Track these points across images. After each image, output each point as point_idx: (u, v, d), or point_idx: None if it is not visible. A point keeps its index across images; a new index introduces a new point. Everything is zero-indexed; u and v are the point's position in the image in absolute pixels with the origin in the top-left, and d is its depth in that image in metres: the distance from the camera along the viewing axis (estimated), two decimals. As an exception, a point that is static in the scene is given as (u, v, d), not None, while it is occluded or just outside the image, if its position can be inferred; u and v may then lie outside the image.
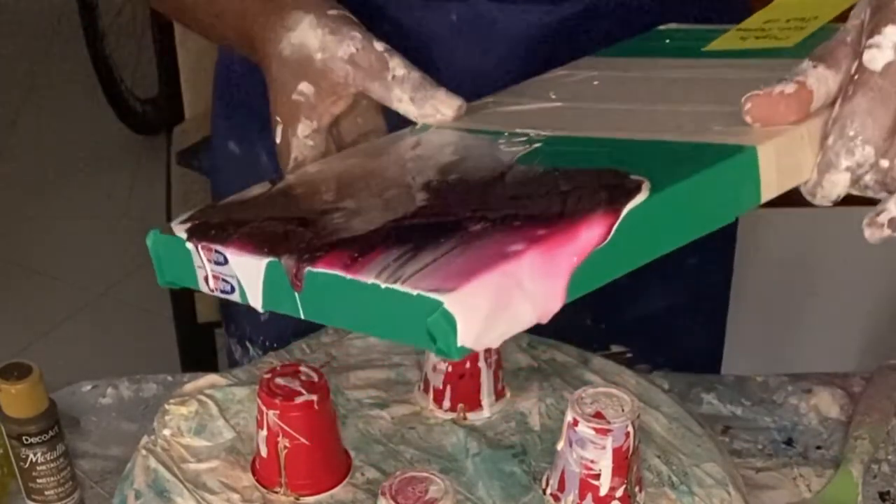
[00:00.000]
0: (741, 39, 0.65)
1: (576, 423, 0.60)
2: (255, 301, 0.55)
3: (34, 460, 0.69)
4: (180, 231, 0.58)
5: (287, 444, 0.62)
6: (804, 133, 0.53)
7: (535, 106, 0.65)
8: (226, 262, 0.55)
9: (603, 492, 0.61)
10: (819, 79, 0.53)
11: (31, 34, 3.03)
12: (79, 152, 2.63)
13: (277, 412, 0.61)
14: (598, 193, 0.50)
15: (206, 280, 0.57)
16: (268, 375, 0.63)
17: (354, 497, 0.64)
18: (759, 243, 1.55)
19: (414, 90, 0.63)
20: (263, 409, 0.62)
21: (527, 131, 0.60)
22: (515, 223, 0.49)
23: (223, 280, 0.56)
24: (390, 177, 0.60)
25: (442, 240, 0.49)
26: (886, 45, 0.51)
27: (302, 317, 0.53)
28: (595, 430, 0.59)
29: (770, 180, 0.53)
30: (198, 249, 0.56)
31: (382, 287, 0.48)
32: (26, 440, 0.68)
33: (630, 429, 0.60)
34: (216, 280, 0.56)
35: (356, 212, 0.55)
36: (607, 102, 0.64)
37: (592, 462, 0.60)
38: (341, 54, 0.63)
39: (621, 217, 0.48)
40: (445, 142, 0.62)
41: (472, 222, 0.50)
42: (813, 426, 0.79)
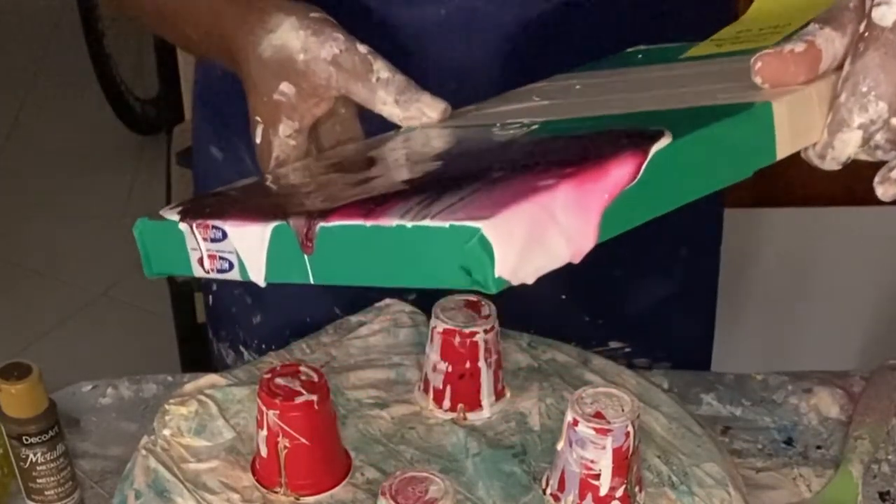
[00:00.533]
0: (717, 47, 0.65)
1: (576, 423, 0.60)
2: (257, 274, 0.53)
3: (34, 460, 0.69)
4: (171, 215, 0.57)
5: (287, 444, 0.62)
6: (813, 93, 0.53)
7: (519, 106, 0.65)
8: (224, 238, 0.54)
9: (603, 492, 0.61)
10: (827, 39, 0.53)
11: (31, 34, 3.03)
12: (79, 152, 2.63)
13: (277, 412, 0.61)
14: (619, 140, 0.49)
15: (201, 261, 0.55)
16: (268, 375, 0.63)
17: (354, 497, 0.64)
18: (760, 243, 1.55)
19: (399, 93, 0.62)
20: (263, 409, 0.62)
21: (520, 120, 0.59)
22: (538, 168, 0.48)
23: (220, 258, 0.55)
24: (389, 159, 0.59)
25: (464, 185, 0.48)
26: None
27: (311, 281, 0.51)
28: (595, 430, 0.59)
29: (784, 137, 0.52)
30: (192, 228, 0.55)
31: (409, 226, 0.46)
32: (26, 440, 0.68)
33: (630, 429, 0.60)
34: (212, 259, 0.55)
35: (362, 181, 0.54)
36: (597, 96, 0.64)
37: (592, 462, 0.60)
38: (324, 55, 0.63)
39: (649, 157, 0.48)
40: (437, 135, 0.61)
41: (490, 172, 0.49)
42: (813, 426, 0.79)
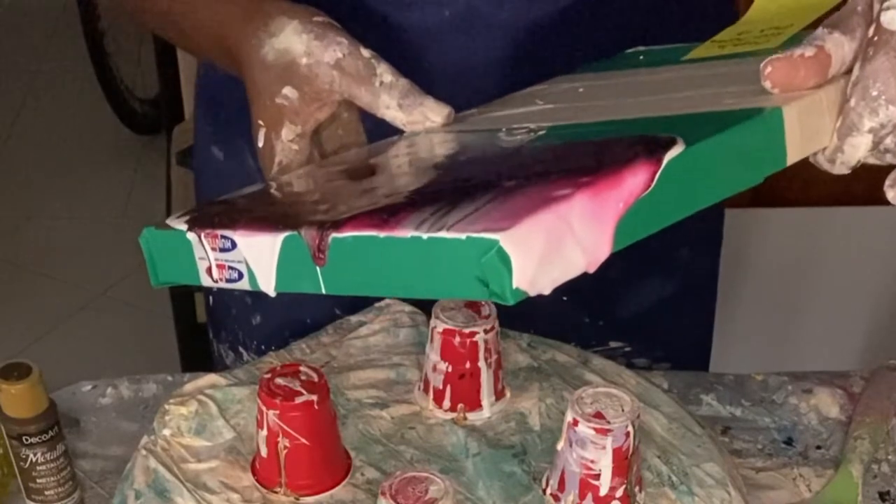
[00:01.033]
0: (719, 48, 0.65)
1: (576, 423, 0.60)
2: (267, 284, 0.53)
3: (34, 460, 0.69)
4: (179, 224, 0.56)
5: (287, 444, 0.62)
6: (822, 98, 0.53)
7: (524, 110, 0.64)
8: (233, 248, 0.53)
9: (603, 492, 0.61)
10: (836, 43, 0.53)
11: (31, 34, 3.03)
12: (79, 152, 2.64)
13: (277, 412, 0.61)
14: (632, 148, 0.49)
15: (210, 271, 0.55)
16: (268, 375, 0.63)
17: (354, 497, 0.64)
18: (760, 243, 1.55)
19: (402, 97, 0.62)
20: (263, 409, 0.62)
21: (526, 125, 0.59)
22: (552, 177, 0.48)
23: (229, 268, 0.54)
24: (393, 165, 0.59)
25: (477, 195, 0.48)
26: None
27: (323, 291, 0.50)
28: (595, 430, 0.59)
29: (794, 143, 0.52)
30: (201, 238, 0.55)
31: (425, 238, 0.45)
32: (26, 440, 0.68)
33: (630, 429, 0.60)
34: (221, 269, 0.55)
35: (369, 189, 0.53)
36: (602, 100, 0.64)
37: (592, 462, 0.60)
38: (327, 59, 0.63)
39: (663, 166, 0.47)
40: (442, 139, 0.61)
41: (502, 181, 0.49)
42: (813, 426, 0.79)
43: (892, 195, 0.54)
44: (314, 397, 0.62)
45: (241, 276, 0.54)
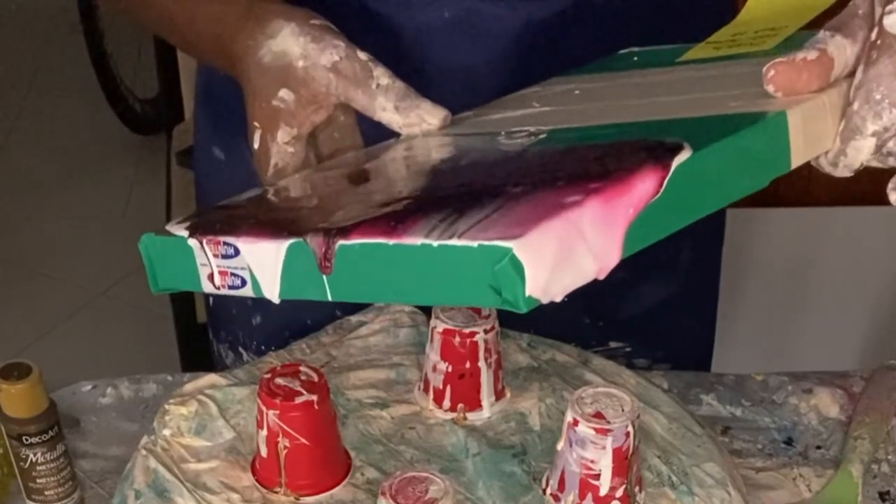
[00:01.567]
0: (714, 49, 0.65)
1: (576, 423, 0.60)
2: (271, 291, 0.52)
3: (34, 460, 0.69)
4: (179, 230, 0.56)
5: (287, 444, 0.62)
6: (825, 102, 0.53)
7: (521, 112, 0.64)
8: (236, 254, 0.53)
9: (603, 492, 0.61)
10: (838, 47, 0.53)
11: (31, 34, 3.03)
12: (79, 152, 2.64)
13: (277, 412, 0.61)
14: (638, 154, 0.49)
15: (212, 278, 0.55)
16: (268, 375, 0.63)
17: (354, 497, 0.64)
18: (760, 243, 1.55)
19: (399, 99, 0.62)
20: (263, 409, 0.62)
21: (525, 128, 0.58)
22: (559, 182, 0.48)
23: (232, 275, 0.54)
24: (393, 169, 0.58)
25: (484, 201, 0.47)
26: None
27: (329, 299, 0.50)
28: (595, 430, 0.59)
29: (798, 146, 0.52)
30: (202, 244, 0.54)
31: (435, 245, 0.45)
32: (26, 440, 0.68)
33: (630, 429, 0.60)
34: (223, 276, 0.54)
35: (369, 194, 0.53)
36: (601, 101, 0.63)
37: (592, 462, 0.60)
38: (324, 62, 0.63)
39: (671, 171, 0.47)
40: (441, 143, 0.61)
41: (508, 186, 0.48)
42: (813, 426, 0.79)
43: (895, 198, 0.54)
44: (314, 397, 0.62)
45: (244, 283, 0.54)
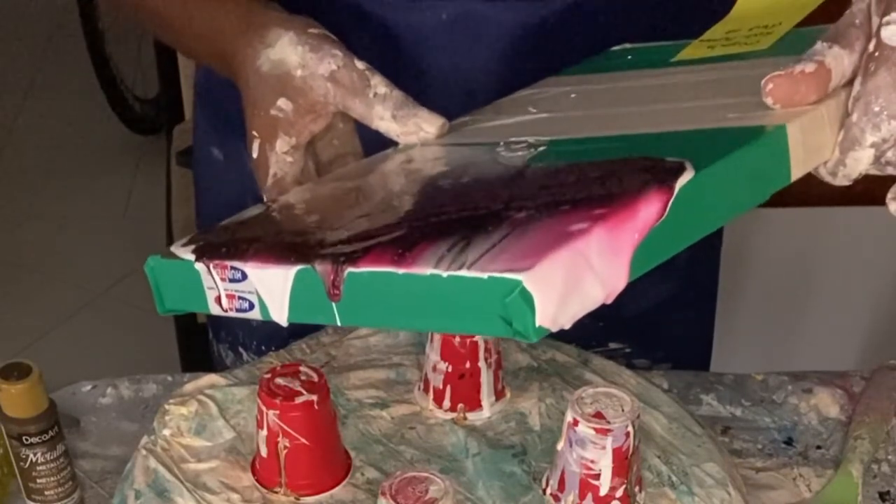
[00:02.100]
0: (708, 48, 0.64)
1: (576, 423, 0.60)
2: (280, 315, 0.53)
3: (34, 460, 0.69)
4: (185, 253, 0.56)
5: (287, 444, 0.62)
6: (824, 113, 0.53)
7: (518, 119, 0.64)
8: (244, 279, 0.53)
9: (603, 492, 0.61)
10: (835, 58, 0.53)
11: (31, 34, 3.03)
12: (79, 152, 2.63)
13: (277, 412, 0.61)
14: (640, 175, 0.49)
15: (219, 300, 0.55)
16: (268, 375, 0.63)
17: (354, 497, 0.64)
18: (760, 243, 1.55)
19: (396, 108, 0.62)
20: (263, 409, 0.62)
21: (524, 139, 0.58)
22: (564, 207, 0.48)
23: (239, 298, 0.54)
24: (393, 186, 0.58)
25: (490, 228, 0.47)
26: None
27: (339, 324, 0.50)
28: (595, 430, 0.59)
29: (798, 159, 0.53)
30: (209, 269, 0.54)
31: (444, 276, 0.45)
32: (26, 440, 0.68)
33: (630, 429, 0.60)
34: (231, 299, 0.54)
35: (374, 217, 0.53)
36: (598, 108, 0.63)
37: (592, 462, 0.60)
38: (322, 71, 0.63)
39: (675, 194, 0.47)
40: (440, 154, 0.61)
41: (512, 211, 0.49)
42: (813, 426, 0.79)
43: (895, 208, 0.54)
44: (314, 397, 0.62)
45: (251, 306, 0.54)
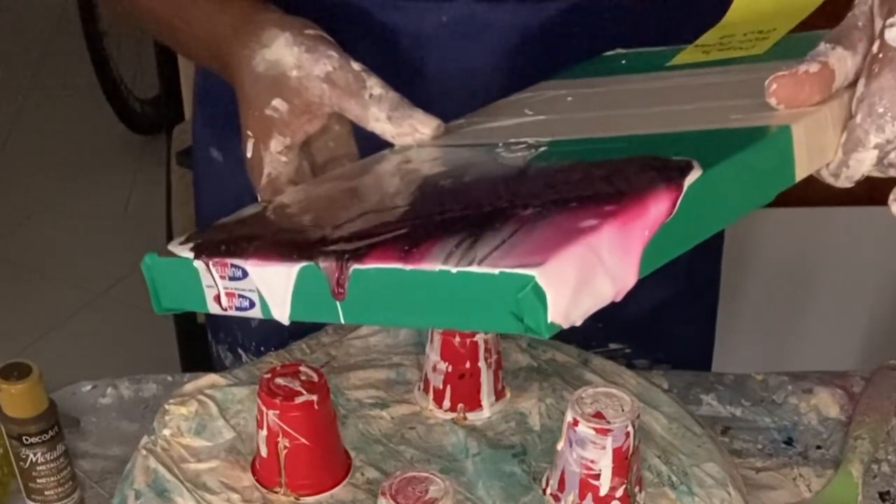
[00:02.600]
0: (704, 53, 0.64)
1: (576, 423, 0.60)
2: (281, 313, 0.52)
3: (34, 460, 0.69)
4: (183, 251, 0.55)
5: (287, 444, 0.62)
6: (828, 114, 0.53)
7: (515, 121, 0.64)
8: (244, 277, 0.53)
9: (603, 492, 0.61)
10: (839, 59, 0.53)
11: (31, 34, 3.03)
12: (79, 152, 2.63)
13: (277, 412, 0.61)
14: (647, 173, 0.48)
15: (218, 299, 0.54)
16: (268, 375, 0.63)
17: (354, 497, 0.64)
18: (760, 243, 1.55)
19: (391, 109, 0.62)
20: (263, 409, 0.62)
21: (524, 140, 0.58)
22: (572, 204, 0.47)
23: (240, 296, 0.53)
24: (391, 185, 0.58)
25: (497, 225, 0.47)
26: None
27: (342, 321, 0.50)
28: (595, 430, 0.59)
29: (802, 160, 0.53)
30: (209, 267, 0.54)
31: (454, 272, 0.45)
32: (26, 440, 0.68)
33: (630, 429, 0.60)
34: (231, 297, 0.54)
35: (375, 215, 0.53)
36: (597, 111, 0.63)
37: (592, 462, 0.60)
38: (317, 72, 0.63)
39: (683, 191, 0.47)
40: (438, 155, 0.60)
41: (518, 209, 0.48)
42: (813, 426, 0.79)
43: None
44: (314, 397, 0.62)
45: (252, 304, 0.53)
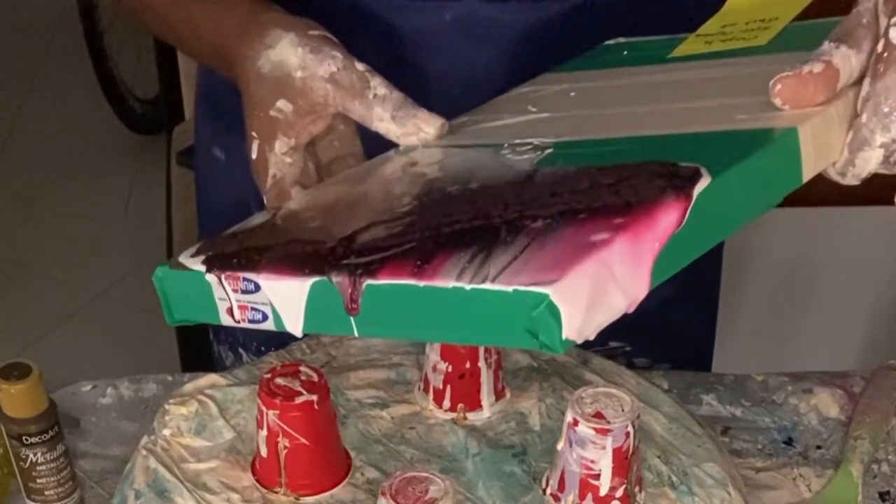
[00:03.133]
0: (706, 44, 0.64)
1: (576, 423, 0.60)
2: (294, 326, 0.52)
3: (34, 460, 0.69)
4: (195, 264, 0.55)
5: (287, 444, 0.62)
6: (833, 114, 0.53)
7: (519, 119, 0.64)
8: (257, 290, 0.53)
9: (603, 492, 0.61)
10: (843, 58, 0.53)
11: (31, 34, 3.03)
12: (79, 152, 2.63)
13: (277, 412, 0.61)
14: (655, 182, 0.48)
15: (231, 312, 0.54)
16: (268, 375, 0.63)
17: (354, 497, 0.64)
18: (760, 243, 1.55)
19: (395, 109, 0.62)
20: (263, 409, 0.62)
21: (529, 140, 0.58)
22: (581, 216, 0.48)
23: (252, 309, 0.53)
24: (398, 191, 0.58)
25: (508, 238, 0.47)
26: None
27: (356, 335, 0.50)
28: (595, 430, 0.59)
29: (809, 161, 0.53)
30: (221, 280, 0.54)
31: (467, 289, 0.45)
32: (26, 440, 0.68)
33: (630, 429, 0.60)
34: (243, 310, 0.54)
35: (384, 226, 0.52)
36: (600, 108, 0.63)
37: (592, 462, 0.60)
38: (321, 73, 0.63)
39: (693, 201, 0.47)
40: (443, 157, 0.60)
41: (527, 220, 0.48)
42: (813, 426, 0.79)
43: None
44: (314, 397, 0.62)
45: (265, 317, 0.53)
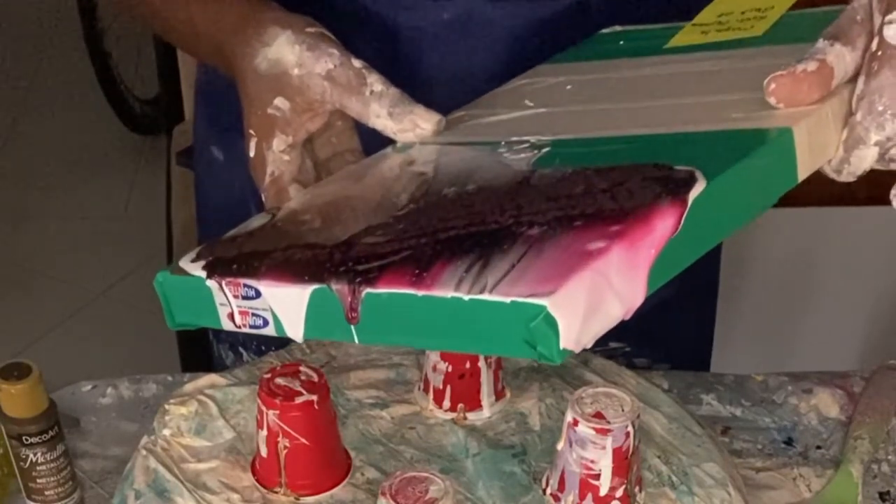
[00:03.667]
0: (702, 34, 0.64)
1: (576, 423, 0.60)
2: (295, 332, 0.52)
3: (34, 460, 0.69)
4: (195, 270, 0.55)
5: (287, 444, 0.62)
6: (828, 112, 0.53)
7: (515, 114, 0.64)
8: (258, 296, 0.53)
9: (603, 492, 0.61)
10: (837, 55, 0.53)
11: (31, 34, 3.03)
12: (79, 152, 2.63)
13: (277, 412, 0.61)
14: (650, 186, 0.48)
15: (232, 317, 0.55)
16: (268, 375, 0.63)
17: (354, 497, 0.64)
18: (760, 243, 1.55)
19: (392, 105, 0.62)
20: (263, 409, 0.62)
21: (526, 138, 0.58)
22: (576, 223, 0.48)
23: (253, 315, 0.54)
24: (396, 193, 0.58)
25: (505, 246, 0.47)
26: None
27: (356, 342, 0.50)
28: (595, 430, 0.59)
29: (804, 160, 0.53)
30: (222, 286, 0.54)
31: (466, 300, 0.45)
32: (26, 440, 0.68)
33: (630, 429, 0.60)
34: (244, 315, 0.54)
35: (382, 230, 0.53)
36: (596, 104, 0.63)
37: (592, 462, 0.60)
38: (318, 70, 0.63)
39: (688, 206, 0.47)
40: (440, 155, 0.60)
41: (523, 227, 0.49)
42: (813, 426, 0.79)
43: None
44: (314, 397, 0.62)
45: (266, 322, 0.53)
